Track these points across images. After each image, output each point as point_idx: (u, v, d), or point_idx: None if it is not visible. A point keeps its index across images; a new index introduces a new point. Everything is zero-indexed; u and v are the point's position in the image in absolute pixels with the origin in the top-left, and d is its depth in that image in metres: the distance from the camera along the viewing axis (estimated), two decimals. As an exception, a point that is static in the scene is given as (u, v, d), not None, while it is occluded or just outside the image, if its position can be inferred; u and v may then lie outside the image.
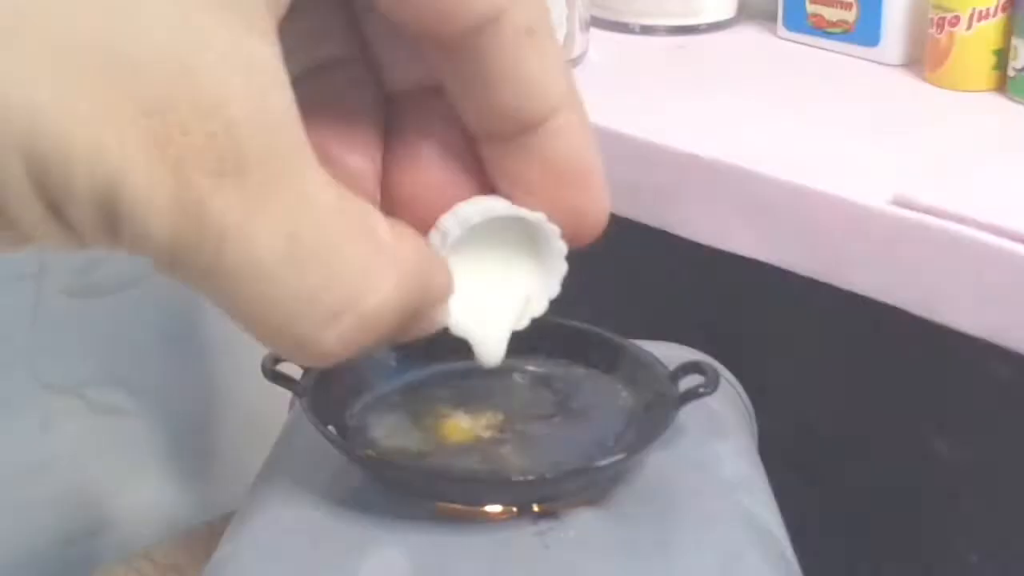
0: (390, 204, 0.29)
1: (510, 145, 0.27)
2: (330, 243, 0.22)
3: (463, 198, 0.28)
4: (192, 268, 0.21)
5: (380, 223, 0.24)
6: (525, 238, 0.29)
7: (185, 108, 0.20)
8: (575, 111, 0.26)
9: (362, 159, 0.28)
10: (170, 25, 0.20)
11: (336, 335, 0.23)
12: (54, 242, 0.21)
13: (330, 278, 0.22)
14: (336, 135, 0.27)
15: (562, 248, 0.29)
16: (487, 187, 0.28)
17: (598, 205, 0.28)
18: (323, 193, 0.22)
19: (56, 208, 0.20)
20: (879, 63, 0.73)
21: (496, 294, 0.31)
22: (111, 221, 0.20)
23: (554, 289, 0.31)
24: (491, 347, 0.32)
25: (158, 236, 0.21)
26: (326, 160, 0.27)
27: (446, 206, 0.28)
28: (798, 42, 0.77)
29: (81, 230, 0.21)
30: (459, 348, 0.35)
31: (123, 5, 0.20)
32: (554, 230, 0.28)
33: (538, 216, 0.28)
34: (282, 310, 0.22)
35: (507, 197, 0.28)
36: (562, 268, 0.30)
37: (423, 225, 0.29)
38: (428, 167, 0.28)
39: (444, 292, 0.27)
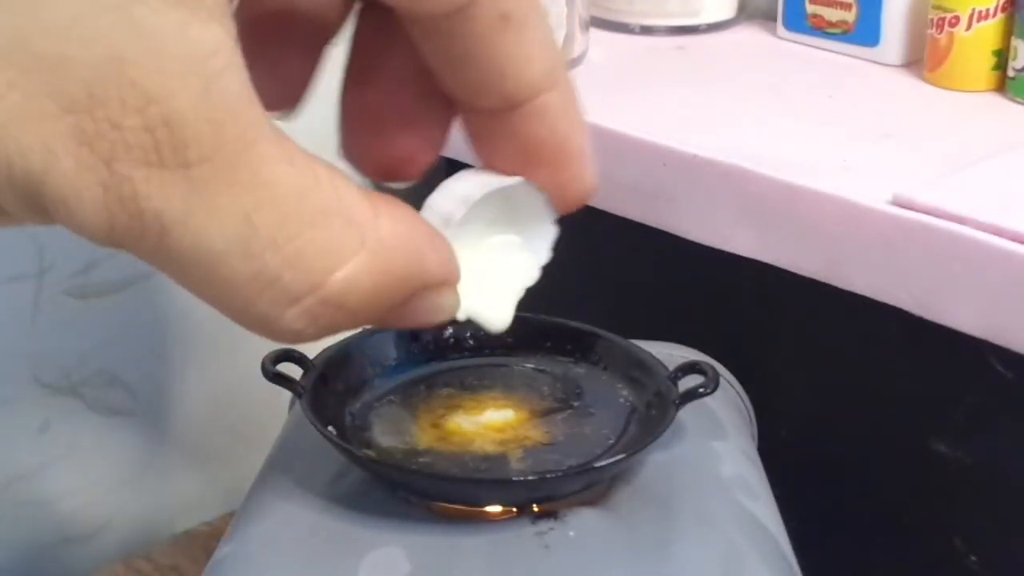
0: (349, 114, 0.28)
1: (489, 119, 0.26)
2: (289, 227, 0.21)
3: (424, 124, 0.27)
4: (136, 252, 0.21)
5: (356, 200, 0.22)
6: (508, 209, 0.28)
7: (115, 103, 0.19)
8: (558, 91, 0.26)
9: (300, 59, 0.27)
10: (99, 17, 0.19)
11: (299, 315, 0.22)
12: None
13: (289, 261, 0.21)
14: (282, 25, 0.26)
15: (550, 213, 0.29)
16: (447, 115, 0.27)
17: (578, 183, 0.27)
18: (284, 176, 0.21)
19: None
20: (879, 63, 0.73)
21: (493, 271, 0.30)
22: (41, 210, 0.20)
23: (545, 255, 0.30)
24: (498, 318, 0.31)
25: (93, 227, 0.20)
26: (263, 57, 0.24)
27: (407, 133, 0.27)
28: (798, 42, 0.77)
29: (13, 214, 0.20)
30: (459, 347, 0.35)
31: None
32: (542, 197, 0.28)
33: (527, 184, 0.27)
34: (240, 292, 0.21)
35: (486, 166, 0.27)
36: (552, 232, 0.30)
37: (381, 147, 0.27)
38: (396, 89, 0.27)
39: (446, 272, 0.25)
